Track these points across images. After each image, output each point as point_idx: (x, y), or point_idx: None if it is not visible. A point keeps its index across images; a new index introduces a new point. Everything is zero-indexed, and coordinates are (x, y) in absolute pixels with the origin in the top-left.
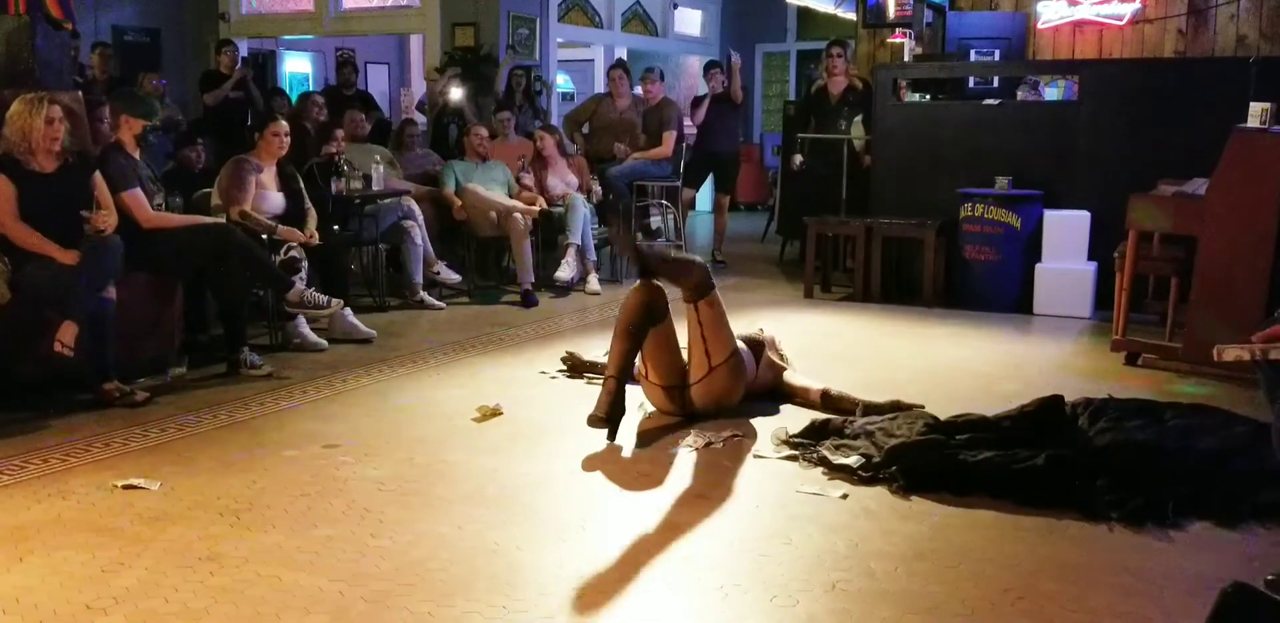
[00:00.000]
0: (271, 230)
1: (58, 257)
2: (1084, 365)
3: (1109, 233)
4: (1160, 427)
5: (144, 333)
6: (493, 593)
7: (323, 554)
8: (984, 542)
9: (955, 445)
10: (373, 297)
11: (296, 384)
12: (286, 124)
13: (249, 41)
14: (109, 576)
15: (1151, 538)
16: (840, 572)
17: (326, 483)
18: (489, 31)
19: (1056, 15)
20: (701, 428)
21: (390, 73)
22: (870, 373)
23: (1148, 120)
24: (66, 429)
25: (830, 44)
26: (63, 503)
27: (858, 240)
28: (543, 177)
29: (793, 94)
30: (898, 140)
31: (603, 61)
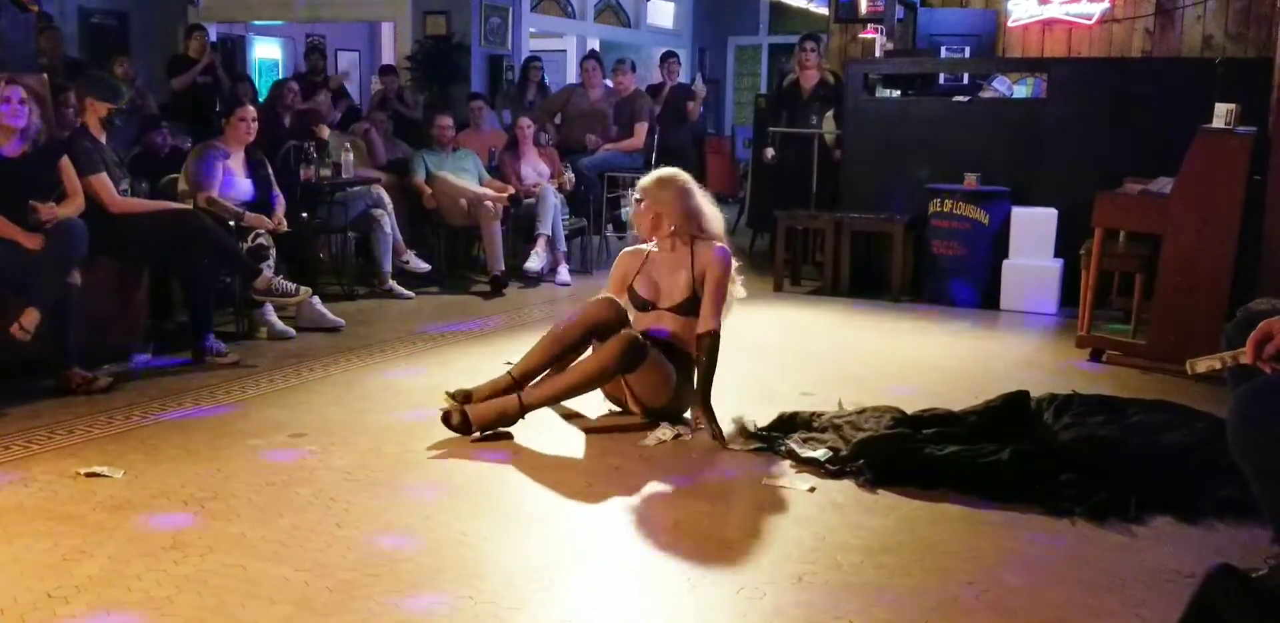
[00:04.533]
0: (239, 217)
1: (21, 241)
2: (1049, 361)
3: (1075, 230)
4: (1123, 423)
5: (109, 319)
6: (459, 584)
7: (288, 544)
8: (949, 535)
9: (922, 440)
10: (341, 285)
11: (262, 372)
12: (254, 109)
13: (218, 26)
14: (70, 564)
15: (1114, 532)
16: (807, 564)
17: (292, 472)
18: (461, 20)
19: (1026, 13)
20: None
21: (361, 60)
22: (839, 366)
23: (1115, 119)
24: (28, 415)
25: (803, 38)
26: (24, 490)
27: (827, 234)
28: (516, 165)
29: (764, 87)
30: (868, 135)
31: (575, 52)
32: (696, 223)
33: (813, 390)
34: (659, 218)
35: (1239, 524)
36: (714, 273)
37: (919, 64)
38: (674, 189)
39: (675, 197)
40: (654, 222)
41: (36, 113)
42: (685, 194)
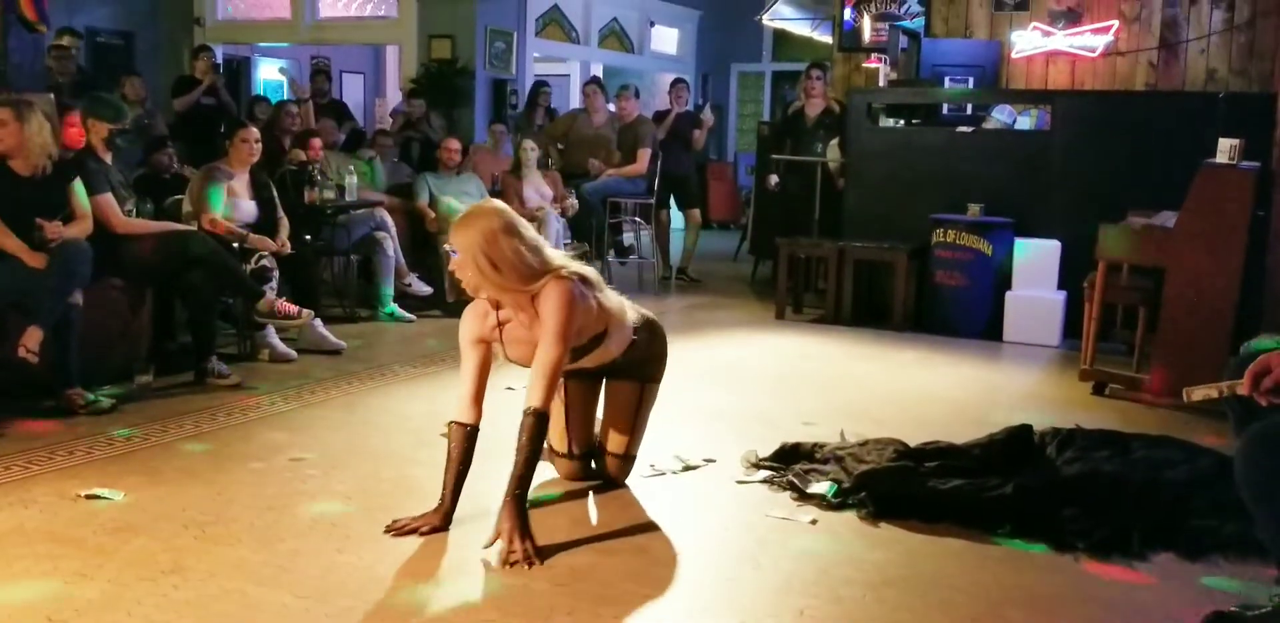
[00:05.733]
0: (243, 239)
1: (27, 260)
2: (1052, 394)
3: (1079, 262)
4: (1127, 458)
5: (112, 340)
6: (459, 612)
7: (288, 569)
8: (952, 570)
9: (925, 473)
10: (343, 308)
11: (264, 395)
12: (257, 131)
13: (224, 47)
14: (71, 587)
15: (1117, 569)
16: (808, 598)
17: (293, 496)
18: (465, 44)
19: (1030, 45)
20: (676, 452)
21: (365, 82)
22: (840, 396)
23: (1118, 151)
24: (28, 436)
25: (810, 66)
26: (24, 512)
27: (830, 262)
28: (519, 188)
29: (766, 114)
30: (871, 164)
31: (578, 77)
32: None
33: (814, 420)
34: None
35: (1242, 561)
36: (545, 324)
37: (922, 94)
38: (479, 232)
39: (482, 241)
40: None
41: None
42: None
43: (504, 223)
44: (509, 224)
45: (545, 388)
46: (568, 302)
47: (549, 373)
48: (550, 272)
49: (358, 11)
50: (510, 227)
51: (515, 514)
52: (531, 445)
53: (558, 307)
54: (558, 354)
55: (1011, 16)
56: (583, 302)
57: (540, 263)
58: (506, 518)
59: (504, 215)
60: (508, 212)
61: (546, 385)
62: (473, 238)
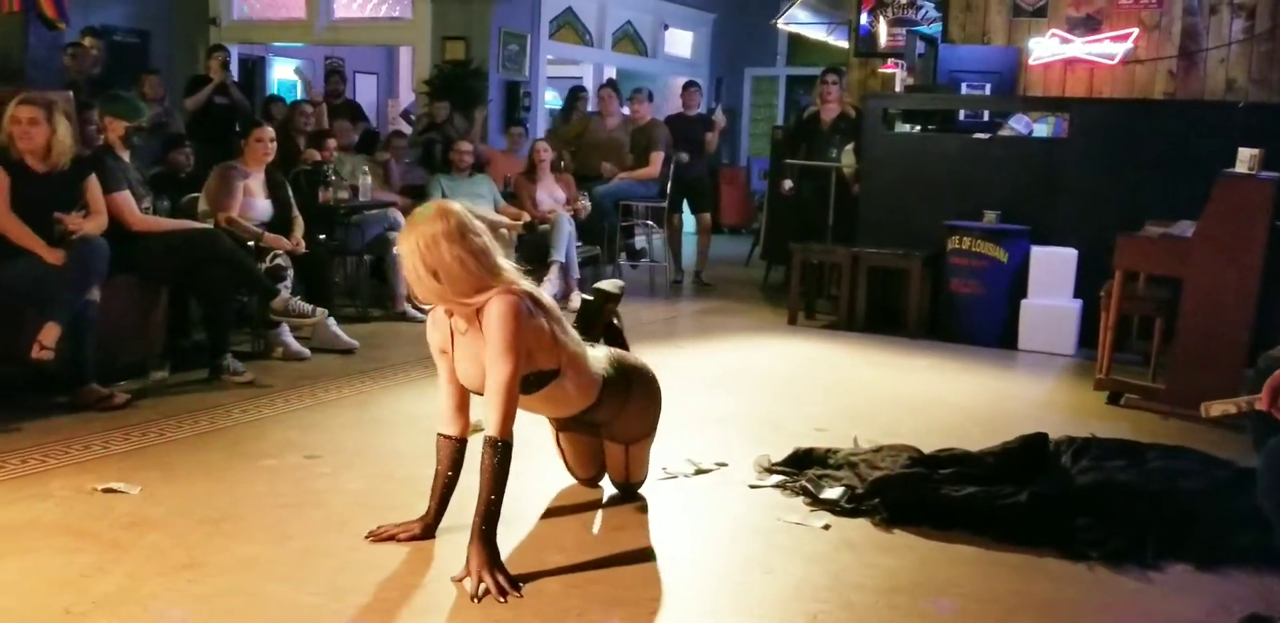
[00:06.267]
0: (258, 237)
1: (44, 255)
2: (1067, 403)
3: (1095, 271)
4: (1142, 468)
5: (127, 336)
6: (471, 610)
7: (302, 566)
8: (965, 577)
9: (939, 480)
10: (355, 307)
11: (278, 393)
12: (272, 130)
13: (239, 47)
14: (87, 580)
15: (1131, 579)
16: (820, 603)
17: (306, 494)
18: (479, 46)
19: (1048, 52)
20: (688, 456)
21: (379, 83)
22: (852, 403)
23: (1136, 160)
24: (45, 430)
25: (826, 70)
26: (41, 505)
27: (843, 268)
28: (532, 190)
29: (780, 119)
30: (887, 170)
31: (592, 79)
32: (459, 281)
33: (826, 426)
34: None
35: (1257, 573)
36: (490, 341)
37: (939, 100)
38: (419, 236)
39: (421, 246)
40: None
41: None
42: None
43: (449, 227)
44: (455, 229)
45: (501, 413)
46: (513, 314)
47: (501, 394)
48: (497, 285)
49: (372, 12)
50: (455, 232)
51: (482, 549)
52: (494, 479)
53: (501, 319)
54: (508, 372)
55: (1030, 23)
56: (530, 319)
57: (486, 274)
58: (475, 554)
59: (451, 218)
60: (458, 215)
61: (501, 409)
62: (414, 241)
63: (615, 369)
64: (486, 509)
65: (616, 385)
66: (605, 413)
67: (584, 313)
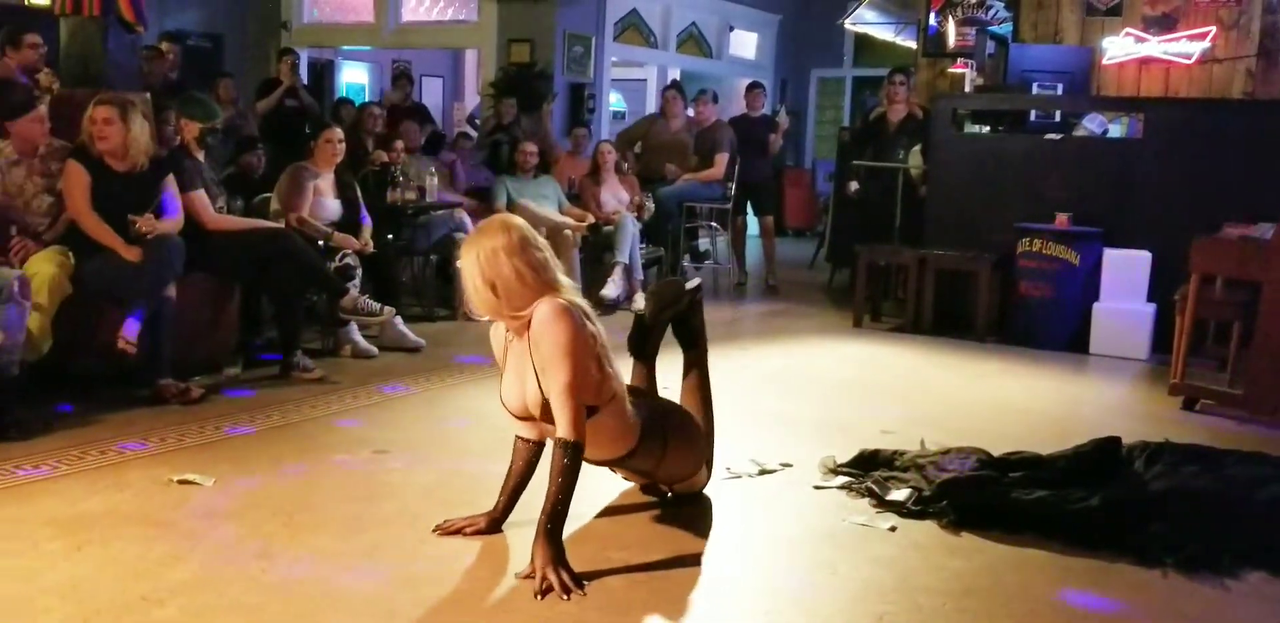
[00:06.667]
0: (328, 237)
1: (122, 253)
2: (1140, 408)
3: (1169, 274)
4: (1219, 474)
5: (201, 332)
6: (536, 606)
7: (372, 558)
8: (1036, 582)
9: (1009, 483)
10: (421, 307)
11: (347, 389)
12: (340, 131)
13: (309, 51)
14: (164, 569)
15: (1206, 586)
16: (887, 605)
17: (376, 488)
18: (544, 48)
19: (1122, 51)
20: (752, 457)
21: (444, 86)
22: (919, 406)
23: (1213, 161)
24: (124, 423)
25: (893, 71)
26: (119, 495)
27: (910, 270)
28: (596, 192)
29: (847, 120)
30: (955, 171)
31: (655, 81)
32: (513, 295)
33: (893, 428)
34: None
35: None
36: (542, 351)
37: (1010, 100)
38: (480, 250)
39: (481, 260)
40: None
41: (151, 134)
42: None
43: (510, 242)
44: (514, 242)
45: (569, 415)
46: (565, 315)
47: (566, 396)
48: (555, 290)
49: (439, 16)
50: (515, 245)
51: (548, 547)
52: (564, 478)
53: (553, 322)
54: (568, 374)
55: (1103, 22)
56: (584, 326)
57: (543, 288)
58: (540, 551)
59: (513, 232)
60: (520, 229)
61: (570, 412)
62: (472, 255)
63: (649, 418)
64: (553, 508)
65: (653, 435)
66: (645, 463)
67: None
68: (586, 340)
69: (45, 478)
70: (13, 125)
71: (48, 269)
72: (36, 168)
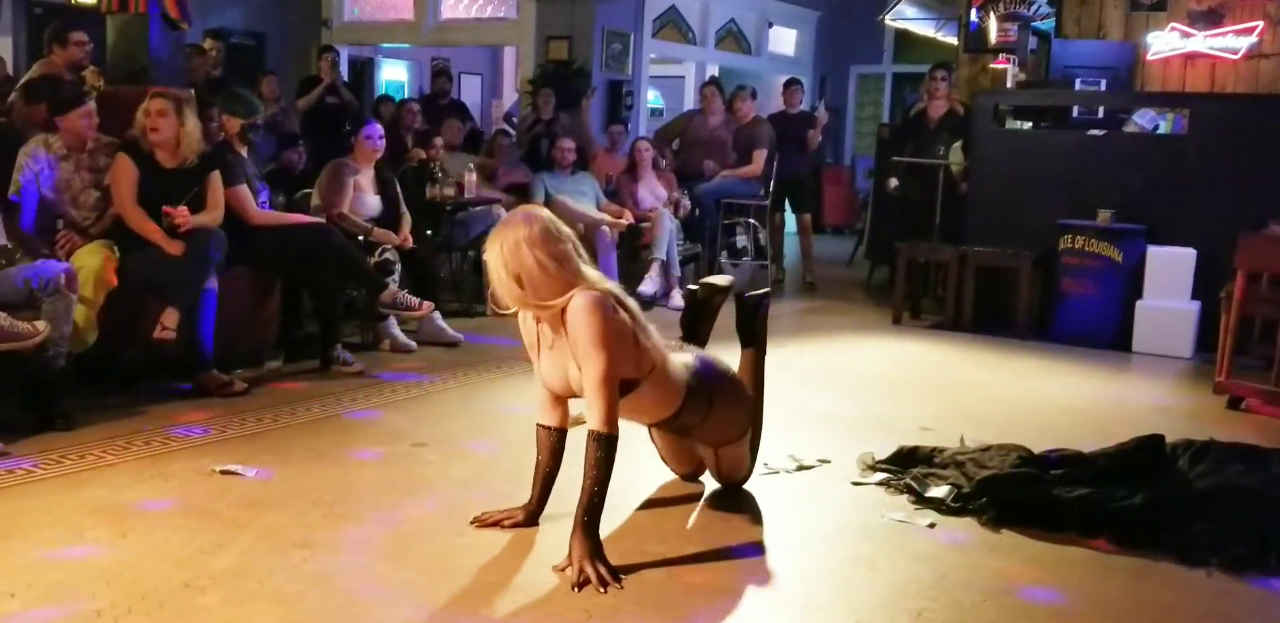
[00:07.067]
0: (367, 232)
1: (165, 246)
2: (1184, 407)
3: (1214, 272)
4: (1266, 473)
5: (243, 326)
6: (573, 598)
7: (411, 548)
8: (1076, 580)
9: (1049, 481)
10: (459, 302)
11: (386, 383)
12: (380, 127)
13: (349, 48)
14: (207, 557)
15: (1252, 586)
16: (926, 601)
17: (415, 480)
18: (583, 46)
19: (1168, 47)
20: (790, 453)
21: (483, 83)
22: (959, 403)
23: (1260, 158)
24: (167, 414)
25: (935, 67)
26: (163, 485)
27: (950, 268)
28: (633, 189)
29: (887, 116)
30: (996, 167)
31: (694, 78)
32: (541, 287)
33: (932, 425)
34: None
35: None
36: (577, 342)
37: (1053, 96)
38: (504, 243)
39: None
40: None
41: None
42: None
43: (532, 233)
44: (536, 234)
45: (602, 407)
46: (598, 307)
47: (600, 388)
48: (578, 286)
49: (478, 13)
50: (537, 236)
51: (584, 540)
52: (598, 471)
53: (587, 314)
54: (602, 365)
55: (1148, 17)
56: (615, 315)
57: (568, 278)
58: (576, 545)
59: (535, 223)
60: (542, 220)
61: (603, 404)
62: (496, 247)
63: (695, 377)
64: (589, 501)
65: (699, 393)
66: (689, 419)
67: (692, 307)
68: (620, 329)
69: (91, 467)
70: (62, 120)
71: (94, 262)
72: (84, 163)
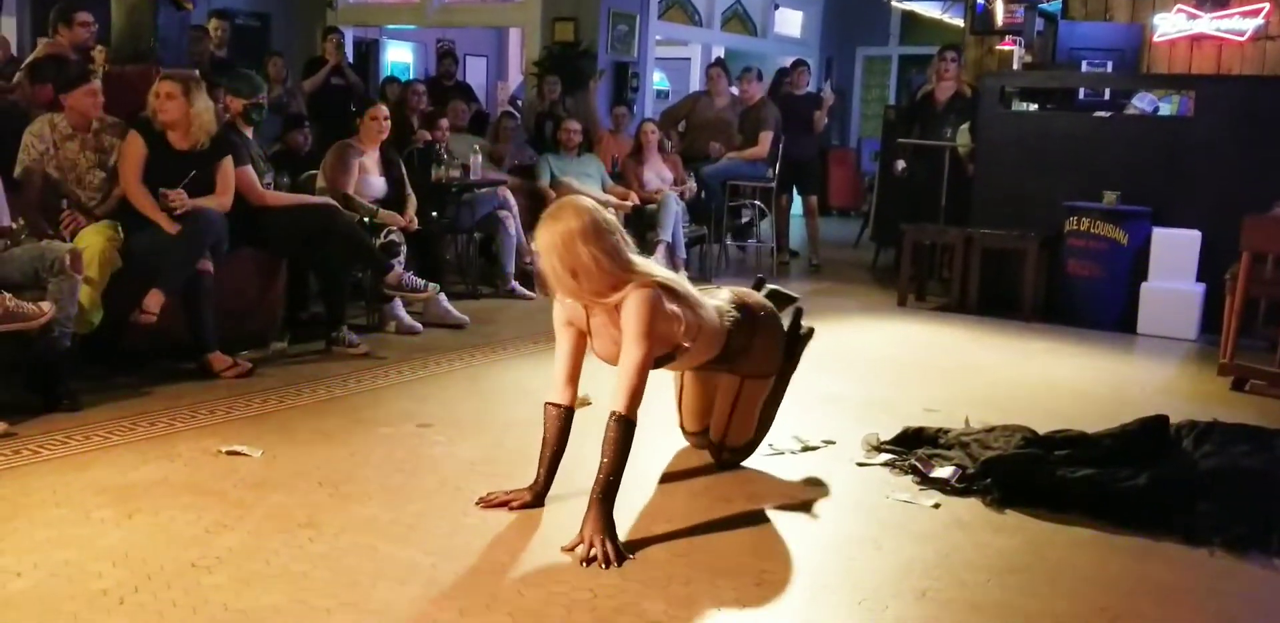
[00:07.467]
0: (373, 214)
1: (164, 225)
2: (1188, 388)
3: (1219, 253)
4: (1269, 454)
5: (249, 307)
6: (581, 576)
7: (416, 528)
8: (1080, 559)
9: (1054, 461)
10: (465, 284)
11: (391, 364)
12: (386, 109)
13: (354, 30)
14: (213, 536)
15: (1255, 566)
16: (930, 580)
17: (421, 460)
18: (588, 27)
19: (1174, 28)
20: (795, 434)
21: (488, 65)
22: (964, 385)
23: (1265, 140)
24: (173, 395)
25: (944, 48)
26: (169, 465)
27: (956, 250)
28: (639, 171)
29: (893, 99)
30: (1003, 149)
31: (700, 60)
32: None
33: (937, 407)
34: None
35: None
36: (626, 330)
37: (1059, 78)
38: (556, 235)
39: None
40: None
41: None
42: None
43: (584, 226)
44: (589, 228)
45: (629, 393)
46: (649, 307)
47: (632, 377)
48: (632, 280)
49: None
50: (590, 231)
51: (598, 517)
52: (615, 450)
53: (638, 311)
54: (641, 356)
55: None
56: (665, 309)
57: (620, 271)
58: (590, 522)
59: (585, 217)
60: (591, 212)
61: (630, 390)
62: (551, 240)
63: (740, 312)
64: (605, 479)
65: (741, 331)
66: (734, 348)
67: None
68: (667, 319)
69: (97, 448)
70: (67, 98)
71: (98, 242)
72: (90, 143)
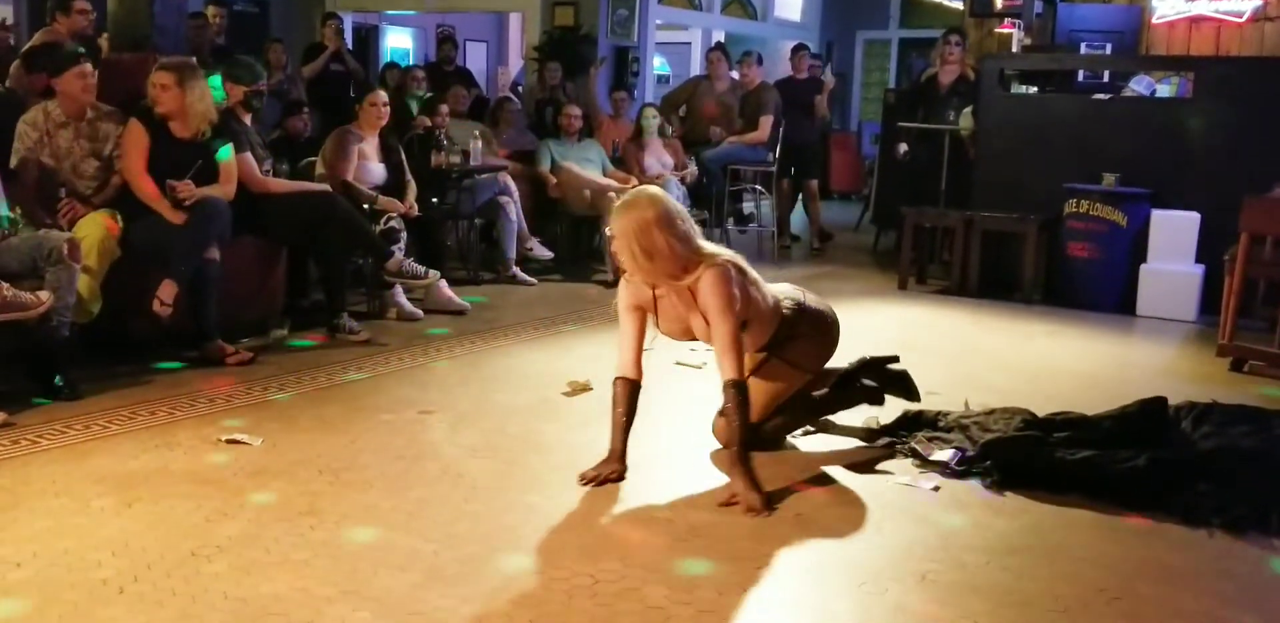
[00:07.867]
0: (372, 200)
1: (168, 215)
2: (1188, 370)
3: (1218, 235)
4: (1268, 435)
5: (249, 295)
6: (582, 561)
7: (417, 515)
8: (1080, 541)
9: (1053, 443)
10: (466, 270)
11: (392, 351)
12: (385, 94)
13: (353, 16)
14: (213, 525)
15: (1254, 546)
16: (931, 563)
17: (421, 447)
18: (589, 11)
19: (1173, 10)
20: None
21: (488, 51)
22: (965, 368)
23: (1264, 121)
24: (173, 384)
25: (948, 31)
26: (169, 454)
27: (957, 233)
28: (639, 156)
29: (893, 82)
30: (1003, 132)
31: (700, 44)
32: (669, 263)
33: (938, 390)
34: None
35: None
36: (709, 307)
37: (1058, 60)
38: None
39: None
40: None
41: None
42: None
43: (658, 214)
44: (663, 216)
45: (732, 360)
46: (726, 281)
47: (729, 346)
48: (703, 262)
49: None
50: (664, 219)
51: (744, 473)
52: (741, 412)
53: (716, 287)
54: (729, 328)
55: None
56: (737, 290)
57: (692, 255)
58: (738, 477)
59: (659, 206)
60: (664, 202)
61: (733, 357)
62: (627, 226)
63: (794, 311)
64: (743, 438)
65: (793, 319)
66: (780, 341)
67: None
68: (743, 295)
69: (96, 437)
70: (58, 82)
71: (97, 232)
72: (83, 131)
